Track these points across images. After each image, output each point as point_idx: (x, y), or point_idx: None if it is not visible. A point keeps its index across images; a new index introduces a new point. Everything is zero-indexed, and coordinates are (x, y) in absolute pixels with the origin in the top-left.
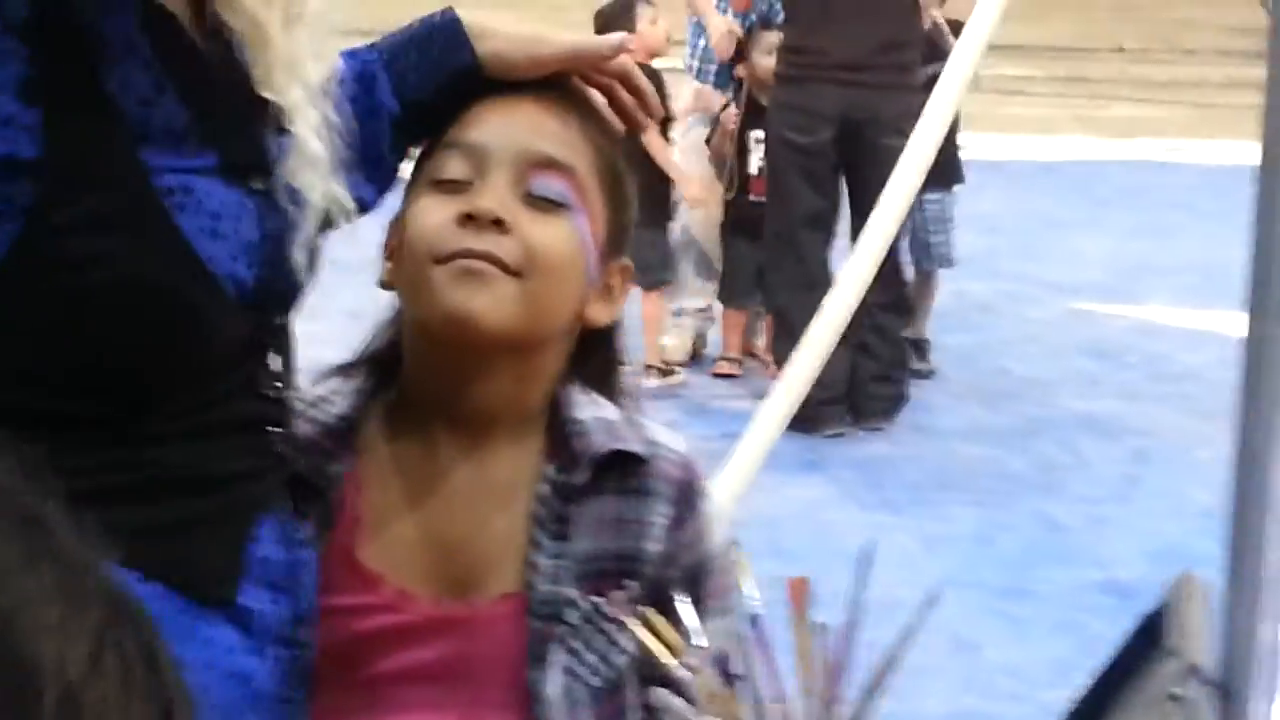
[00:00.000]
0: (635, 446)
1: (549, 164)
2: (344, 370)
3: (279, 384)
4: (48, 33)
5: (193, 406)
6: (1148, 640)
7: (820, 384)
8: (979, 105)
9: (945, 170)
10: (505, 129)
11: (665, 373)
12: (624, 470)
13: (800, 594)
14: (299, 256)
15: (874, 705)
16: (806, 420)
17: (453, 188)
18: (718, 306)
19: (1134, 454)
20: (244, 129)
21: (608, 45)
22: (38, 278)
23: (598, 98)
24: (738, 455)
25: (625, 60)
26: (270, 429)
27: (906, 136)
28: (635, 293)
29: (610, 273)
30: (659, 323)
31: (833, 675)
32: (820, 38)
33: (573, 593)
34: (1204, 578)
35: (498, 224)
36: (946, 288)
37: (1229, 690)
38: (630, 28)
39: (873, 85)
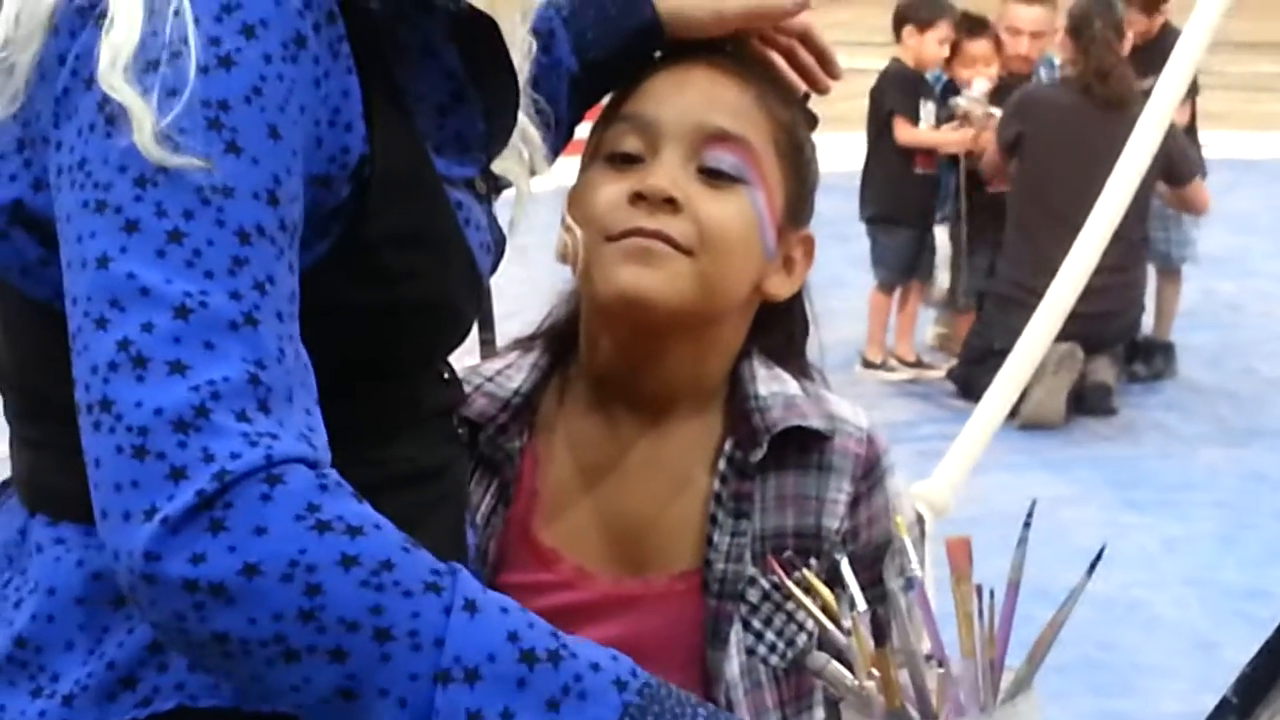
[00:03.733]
0: (816, 422)
1: (723, 137)
2: (522, 344)
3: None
4: (353, 42)
5: (412, 401)
6: None
7: None
8: (1232, 103)
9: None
10: (678, 101)
11: (889, 368)
12: (805, 446)
13: (961, 555)
14: None
15: (1036, 670)
16: None
17: (625, 162)
18: None
19: None
20: (509, 131)
21: (791, 2)
22: (342, 290)
23: (778, 60)
24: (956, 446)
25: (807, 19)
26: (453, 413)
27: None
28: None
29: (790, 244)
30: (883, 319)
31: (995, 639)
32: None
33: (752, 570)
34: None
35: (670, 202)
36: (1195, 286)
37: None
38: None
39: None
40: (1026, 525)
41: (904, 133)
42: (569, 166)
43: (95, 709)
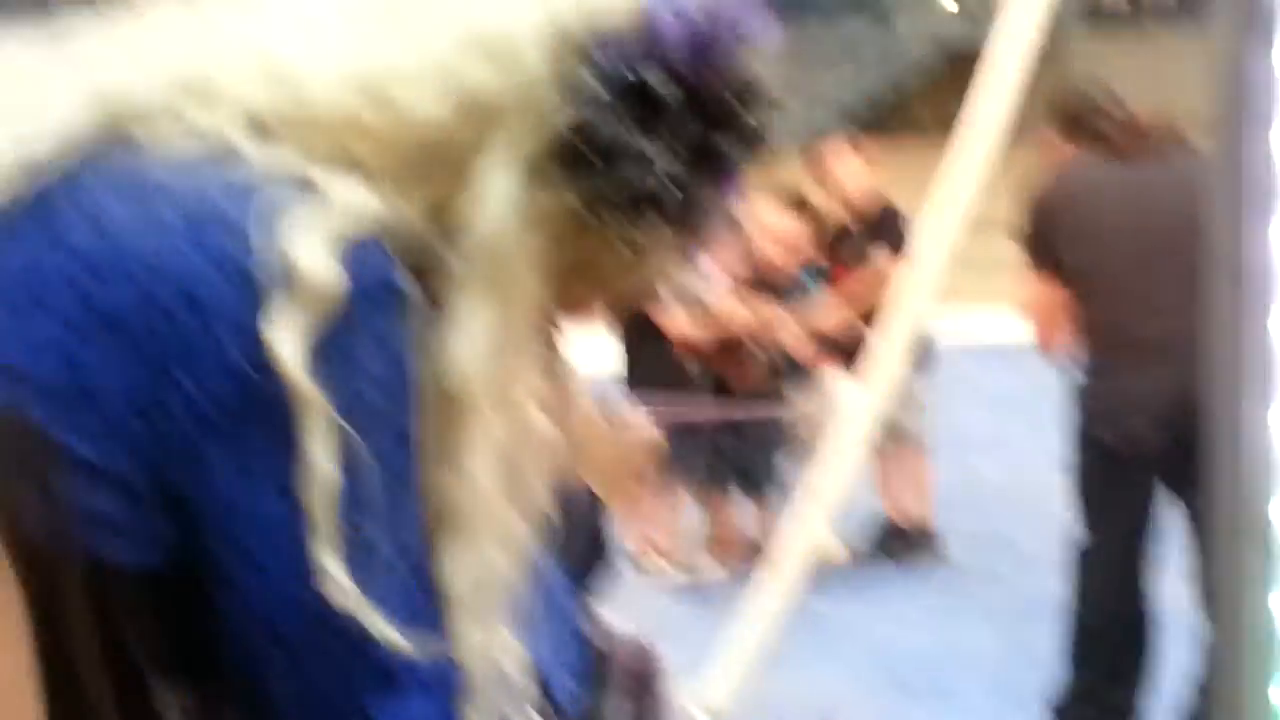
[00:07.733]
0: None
1: None
2: None
3: None
4: None
5: None
6: None
7: None
8: (969, 280)
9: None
10: None
11: (661, 569)
12: None
13: None
14: None
15: None
16: None
17: None
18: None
19: None
20: None
21: None
22: None
23: None
24: (730, 645)
25: None
26: None
27: None
28: None
29: None
30: (651, 517)
31: None
32: (1123, 312)
33: None
34: None
35: None
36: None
37: None
38: None
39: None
40: None
41: (668, 321)
42: None
43: None
